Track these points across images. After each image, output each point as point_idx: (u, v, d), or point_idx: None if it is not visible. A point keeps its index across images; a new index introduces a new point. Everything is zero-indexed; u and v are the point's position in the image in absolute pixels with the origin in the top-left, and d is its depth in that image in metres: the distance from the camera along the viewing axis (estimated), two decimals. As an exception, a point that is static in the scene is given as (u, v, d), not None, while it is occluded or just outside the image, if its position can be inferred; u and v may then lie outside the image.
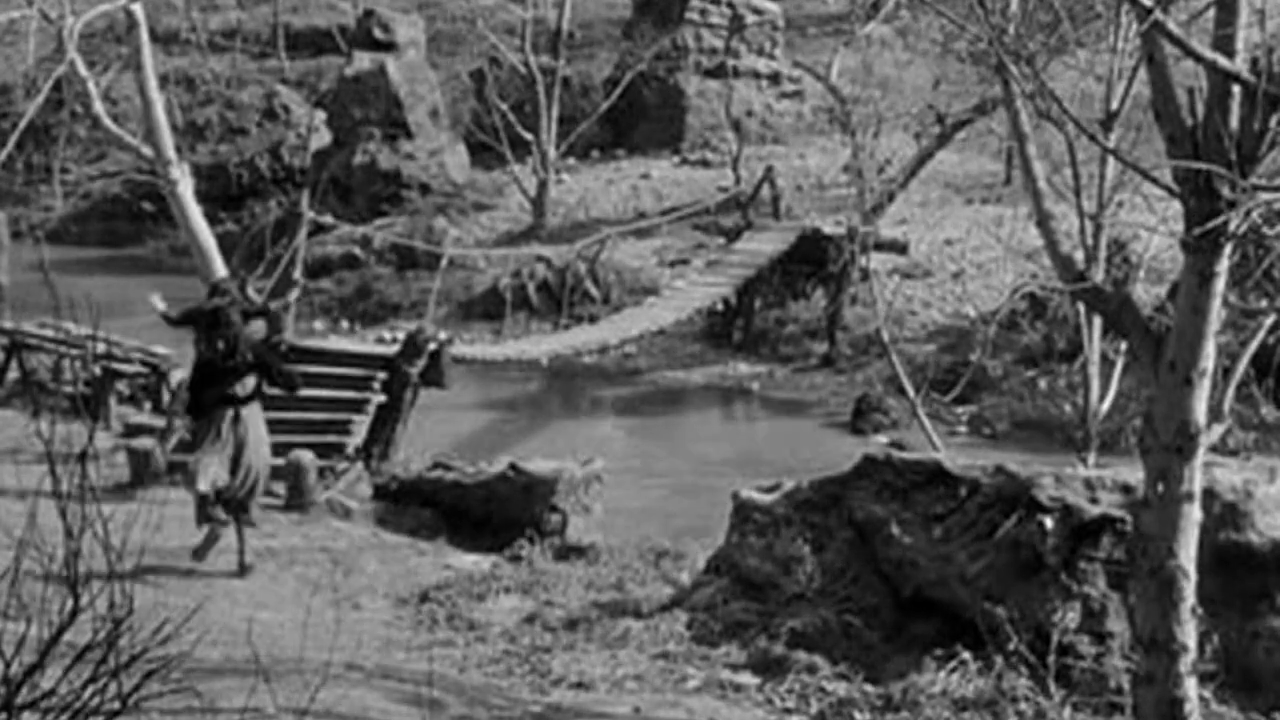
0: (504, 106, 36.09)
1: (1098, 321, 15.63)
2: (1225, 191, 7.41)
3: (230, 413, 13.49)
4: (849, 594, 11.76)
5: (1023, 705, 10.22)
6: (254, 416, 13.75)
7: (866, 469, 12.21)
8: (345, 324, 32.24)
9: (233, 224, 36.58)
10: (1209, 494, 9.76)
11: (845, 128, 30.45)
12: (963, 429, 26.24)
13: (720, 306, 30.02)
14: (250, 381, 13.67)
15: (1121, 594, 10.62)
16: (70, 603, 4.33)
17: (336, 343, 22.92)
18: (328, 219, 26.13)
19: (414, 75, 38.92)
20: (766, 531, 12.31)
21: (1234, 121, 7.42)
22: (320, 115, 39.73)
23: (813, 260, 30.76)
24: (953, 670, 10.64)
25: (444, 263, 27.60)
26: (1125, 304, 8.85)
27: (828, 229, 31.04)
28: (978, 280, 31.47)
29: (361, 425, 18.77)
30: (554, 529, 16.33)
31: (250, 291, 20.48)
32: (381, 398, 19.07)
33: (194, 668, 5.87)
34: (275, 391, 13.86)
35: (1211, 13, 7.68)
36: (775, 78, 41.39)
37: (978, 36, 8.98)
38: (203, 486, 13.23)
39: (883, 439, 24.19)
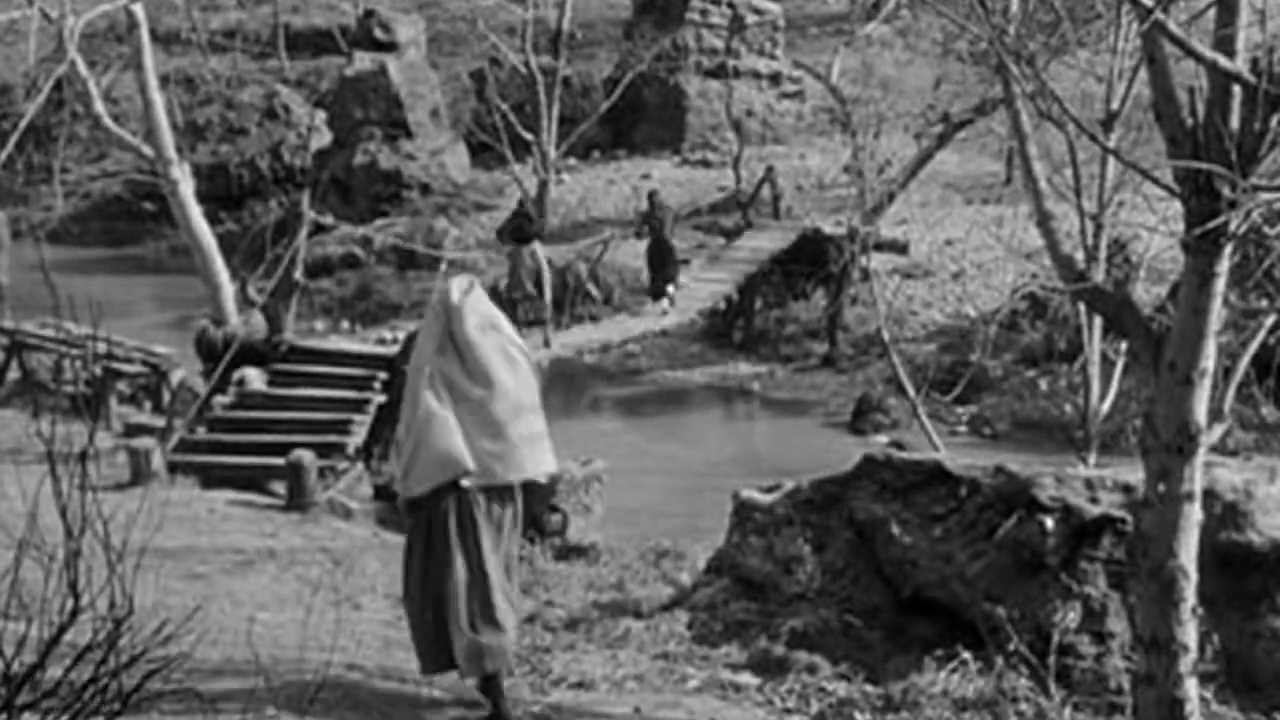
0: (504, 106, 36.06)
1: (1098, 322, 15.62)
2: (1226, 191, 7.40)
3: None
4: (849, 594, 11.75)
5: (1023, 705, 10.21)
6: None
7: (867, 469, 12.19)
8: (345, 324, 32.23)
9: (233, 224, 36.58)
10: (1209, 494, 9.74)
11: (846, 128, 30.43)
12: (963, 429, 26.23)
13: (723, 304, 30.00)
14: None
15: (1122, 594, 10.61)
16: (70, 603, 4.33)
17: (337, 343, 22.93)
18: (328, 219, 26.11)
19: (414, 75, 38.91)
20: (767, 531, 12.30)
21: (1234, 121, 7.41)
22: (321, 115, 39.75)
23: (813, 260, 30.75)
24: (953, 670, 10.63)
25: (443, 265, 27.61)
26: (1126, 304, 8.84)
27: (828, 229, 31.03)
28: (978, 280, 31.46)
29: (362, 425, 18.78)
30: (554, 529, 16.34)
31: (251, 292, 20.50)
32: (382, 398, 19.07)
33: (194, 668, 5.87)
34: (275, 391, 13.87)
35: (1212, 13, 7.67)
36: (776, 78, 41.38)
37: (978, 37, 8.97)
38: None
39: (883, 439, 24.17)
